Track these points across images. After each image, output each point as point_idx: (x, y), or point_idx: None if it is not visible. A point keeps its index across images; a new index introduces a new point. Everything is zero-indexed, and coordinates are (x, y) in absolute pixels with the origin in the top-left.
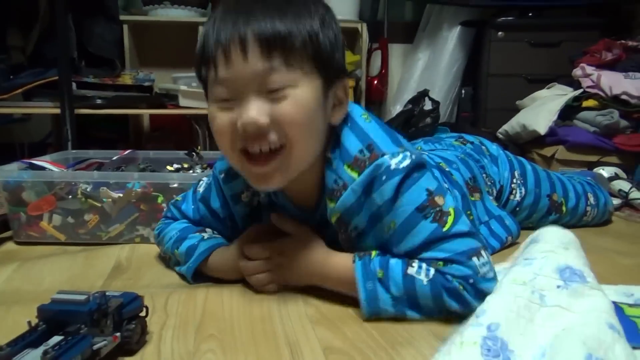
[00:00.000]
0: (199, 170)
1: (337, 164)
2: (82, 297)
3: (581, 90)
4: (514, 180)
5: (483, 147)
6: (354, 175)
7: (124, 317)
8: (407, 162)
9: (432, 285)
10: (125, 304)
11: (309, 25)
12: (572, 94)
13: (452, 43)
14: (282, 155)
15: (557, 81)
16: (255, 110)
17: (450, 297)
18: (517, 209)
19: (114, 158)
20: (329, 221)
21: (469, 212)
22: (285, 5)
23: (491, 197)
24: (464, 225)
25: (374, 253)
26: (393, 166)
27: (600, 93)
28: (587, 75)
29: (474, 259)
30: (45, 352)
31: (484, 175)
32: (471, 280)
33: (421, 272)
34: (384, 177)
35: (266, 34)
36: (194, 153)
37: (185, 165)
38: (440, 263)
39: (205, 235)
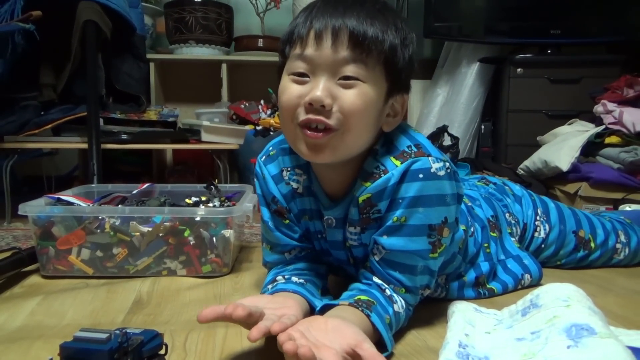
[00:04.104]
0: (217, 203)
1: (383, 156)
2: (104, 336)
3: (603, 126)
4: (538, 218)
5: (506, 187)
6: (397, 163)
7: (144, 355)
8: (443, 172)
9: (405, 315)
10: (146, 342)
11: (392, 38)
12: (594, 130)
13: (471, 79)
14: (335, 134)
15: (578, 117)
16: (324, 91)
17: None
18: (543, 245)
19: (134, 192)
20: (346, 217)
21: (486, 245)
22: (379, 15)
23: (513, 239)
24: (439, 262)
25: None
26: (433, 169)
27: (623, 130)
28: (609, 112)
29: (424, 291)
30: None
31: (507, 214)
32: (414, 304)
33: (399, 306)
34: (420, 175)
35: (357, 31)
36: (212, 186)
37: (204, 198)
38: (403, 290)
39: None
